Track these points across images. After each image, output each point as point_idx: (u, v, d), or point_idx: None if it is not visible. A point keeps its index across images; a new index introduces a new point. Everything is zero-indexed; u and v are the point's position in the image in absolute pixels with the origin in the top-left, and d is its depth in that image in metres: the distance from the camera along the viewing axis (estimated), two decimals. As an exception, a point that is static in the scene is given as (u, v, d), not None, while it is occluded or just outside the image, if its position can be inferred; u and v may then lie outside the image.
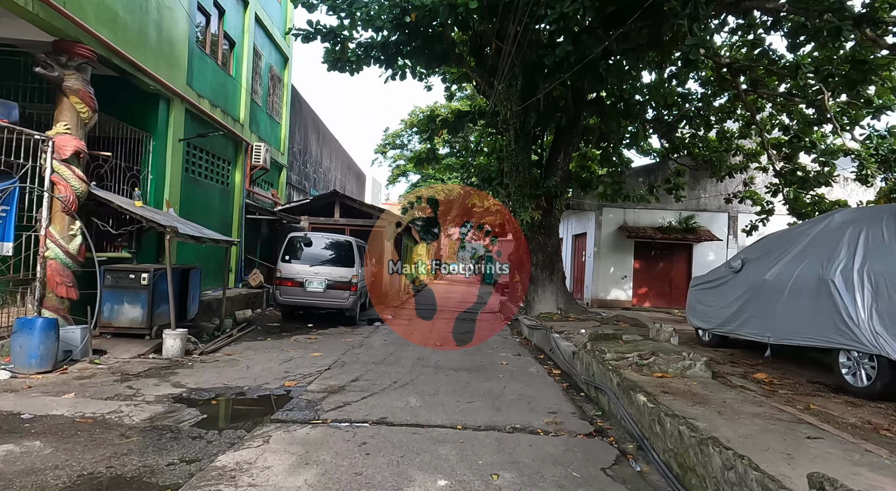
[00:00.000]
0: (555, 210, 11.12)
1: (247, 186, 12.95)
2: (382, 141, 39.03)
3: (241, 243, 12.87)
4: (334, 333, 10.39)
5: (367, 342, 9.36)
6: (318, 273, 11.00)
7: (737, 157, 16.24)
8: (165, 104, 9.17)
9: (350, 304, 11.10)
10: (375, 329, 11.22)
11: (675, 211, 17.65)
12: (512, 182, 10.93)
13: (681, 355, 5.83)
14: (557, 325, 9.68)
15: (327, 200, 15.83)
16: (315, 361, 7.35)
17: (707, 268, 18.27)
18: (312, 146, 21.35)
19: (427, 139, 12.39)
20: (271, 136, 15.17)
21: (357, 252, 11.58)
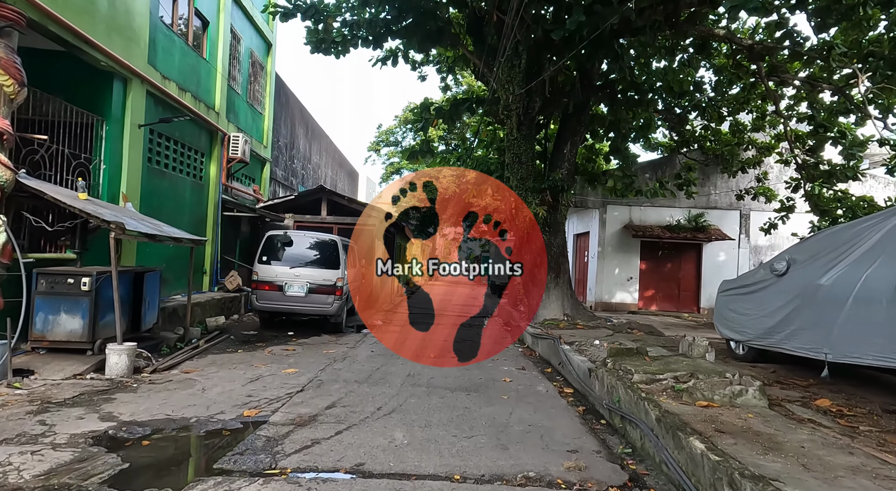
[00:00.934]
0: (561, 206, 10.09)
1: (223, 181, 11.85)
2: (376, 138, 38.00)
3: (217, 243, 11.77)
4: (316, 342, 9.31)
5: (351, 354, 8.29)
6: (299, 276, 9.92)
7: (749, 152, 15.30)
8: (121, 84, 8.07)
9: (335, 310, 10.03)
10: (363, 338, 10.15)
11: (683, 209, 16.68)
12: (513, 175, 9.90)
13: (725, 377, 4.80)
14: (565, 334, 8.65)
15: (313, 197, 14.75)
16: (287, 380, 6.27)
17: (718, 269, 17.35)
18: (300, 141, 20.25)
19: (421, 130, 11.34)
20: (252, 127, 14.07)
21: (343, 253, 10.50)
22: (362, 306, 14.87)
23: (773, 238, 16.44)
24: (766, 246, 16.61)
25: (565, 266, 10.42)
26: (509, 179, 10.14)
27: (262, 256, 10.02)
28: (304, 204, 14.96)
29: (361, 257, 16.17)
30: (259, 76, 14.38)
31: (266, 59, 14.82)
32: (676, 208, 16.77)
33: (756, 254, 16.62)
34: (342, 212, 15.06)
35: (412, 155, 11.65)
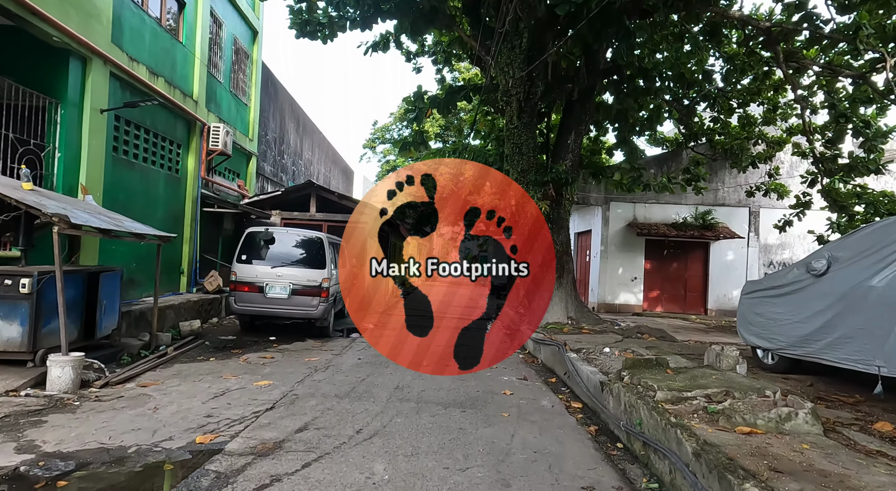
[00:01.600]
0: (564, 200, 9.34)
1: (203, 174, 11.07)
2: (371, 135, 37.21)
3: (196, 241, 10.98)
4: (299, 348, 8.54)
5: (335, 363, 7.52)
6: (281, 276, 9.15)
7: (759, 146, 14.59)
8: (79, 64, 7.28)
9: (320, 313, 9.26)
10: (351, 343, 9.39)
11: (690, 206, 15.96)
12: (513, 167, 9.16)
13: (766, 396, 4.06)
14: (570, 339, 7.90)
15: (302, 193, 13.98)
16: (257, 395, 5.51)
17: (726, 268, 16.63)
18: (290, 135, 19.47)
19: (414, 120, 10.58)
20: (237, 118, 13.29)
21: (330, 251, 9.73)
22: (353, 308, 14.10)
23: (784, 236, 15.72)
24: (777, 244, 15.90)
25: (569, 266, 9.68)
26: (509, 172, 9.39)
27: (241, 254, 9.24)
28: (291, 200, 14.20)
29: (353, 256, 15.41)
30: (244, 65, 13.61)
31: (252, 48, 14.04)
32: (683, 205, 16.05)
33: (766, 253, 15.92)
34: (332, 209, 14.30)
35: (404, 146, 10.89)
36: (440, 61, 13.65)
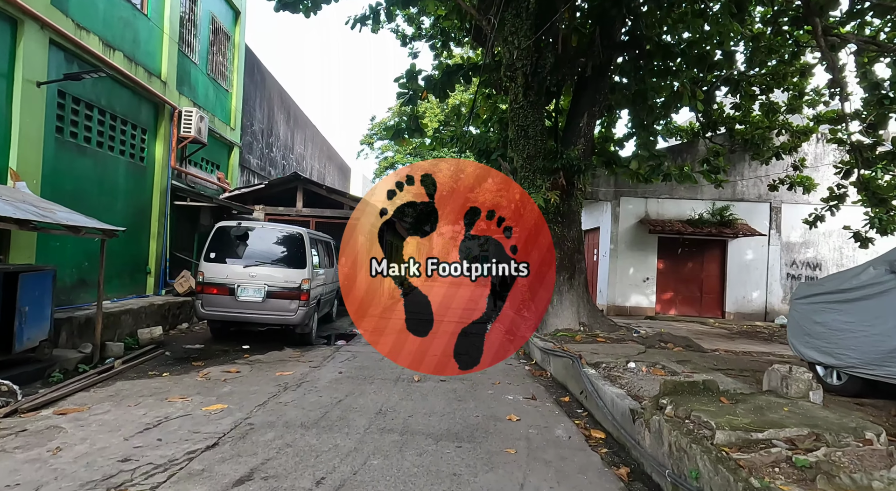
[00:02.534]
0: (576, 191, 8.24)
1: (174, 164, 9.98)
2: (369, 131, 36.16)
3: (165, 237, 9.90)
4: (272, 359, 7.45)
5: (312, 378, 6.44)
6: (254, 277, 8.07)
7: (782, 137, 13.48)
8: (7, 27, 6.20)
9: (299, 318, 8.17)
10: (334, 352, 8.30)
11: (706, 201, 14.87)
12: (518, 153, 8.07)
13: (867, 441, 2.96)
14: (585, 350, 6.81)
15: (287, 186, 12.90)
16: (203, 425, 4.42)
17: (745, 268, 15.49)
18: (280, 128, 18.39)
19: (407, 103, 9.48)
20: (216, 105, 12.20)
21: (311, 249, 8.65)
22: (352, 309, 13.01)
23: (809, 234, 14.65)
24: (800, 243, 14.79)
25: (581, 265, 8.58)
26: (512, 159, 8.30)
27: (209, 252, 8.15)
28: (276, 194, 13.12)
29: (342, 256, 14.32)
30: (224, 47, 12.52)
31: (233, 29, 12.96)
32: (698, 201, 14.96)
33: (788, 251, 14.80)
34: (321, 203, 13.22)
35: (397, 134, 9.80)
36: (437, 47, 12.56)
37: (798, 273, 14.71)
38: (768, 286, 14.71)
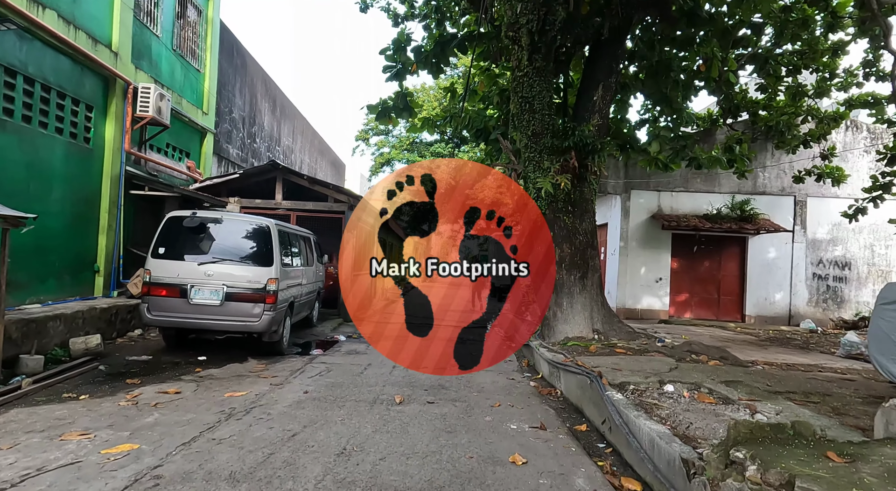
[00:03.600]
0: (589, 175, 7.03)
1: (127, 147, 8.75)
2: (364, 126, 34.93)
3: (118, 231, 8.68)
4: (228, 375, 6.23)
5: (267, 400, 5.21)
6: (211, 276, 6.85)
7: (807, 124, 12.28)
8: None
9: (264, 324, 6.94)
10: (307, 363, 7.08)
11: (724, 194, 13.68)
12: (522, 130, 6.86)
13: None
14: (604, 364, 5.58)
15: (265, 176, 11.67)
16: (89, 479, 3.20)
17: (767, 267, 14.21)
18: (264, 117, 17.17)
19: (395, 78, 8.27)
20: (184, 85, 10.98)
21: (280, 244, 7.43)
22: (327, 315, 11.79)
23: (836, 230, 13.47)
24: (827, 240, 13.58)
25: (595, 262, 7.36)
26: (517, 138, 7.08)
27: (158, 246, 6.93)
28: (253, 186, 11.90)
29: (331, 253, 13.09)
30: (195, 22, 11.30)
31: (206, 3, 11.73)
32: (716, 194, 13.76)
33: (814, 249, 13.58)
34: (304, 195, 12.00)
35: (383, 112, 8.58)
36: (431, 27, 11.33)
37: (825, 273, 13.50)
38: (792, 287, 13.50)
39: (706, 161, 8.87)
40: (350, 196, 11.84)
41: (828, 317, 13.27)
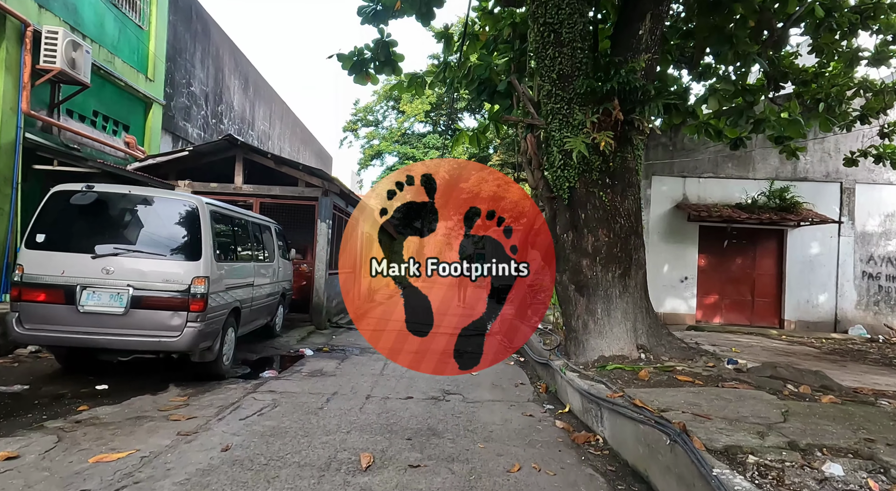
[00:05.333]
0: (635, 135, 5.15)
1: (26, 108, 6.78)
2: (353, 116, 32.93)
3: (12, 218, 6.69)
4: (120, 417, 4.29)
5: (159, 468, 3.29)
6: (111, 273, 4.91)
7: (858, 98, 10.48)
8: None
9: (188, 341, 5.00)
10: (249, 392, 5.15)
11: (759, 181, 11.88)
12: (545, 71, 5.00)
13: None
14: (675, 404, 3.70)
15: (223, 155, 9.70)
16: None
17: (809, 265, 12.27)
18: (234, 95, 15.18)
19: (372, 20, 6.36)
20: (120, 41, 9.01)
21: (216, 230, 5.50)
22: (296, 321, 9.85)
23: (890, 222, 11.72)
24: (879, 233, 11.80)
25: (640, 255, 5.50)
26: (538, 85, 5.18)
27: (35, 232, 4.97)
28: (208, 166, 9.93)
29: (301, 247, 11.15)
30: (134, -33, 9.31)
31: (150, -54, 9.75)
32: (749, 180, 11.96)
33: (864, 244, 11.80)
34: (269, 179, 10.05)
35: (359, 66, 6.64)
36: None
37: (877, 271, 11.73)
38: (838, 288, 11.71)
39: (781, 125, 6.96)
40: (325, 180, 9.90)
41: (880, 322, 11.50)
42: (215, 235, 5.57)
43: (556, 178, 5.27)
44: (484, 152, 28.21)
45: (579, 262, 5.35)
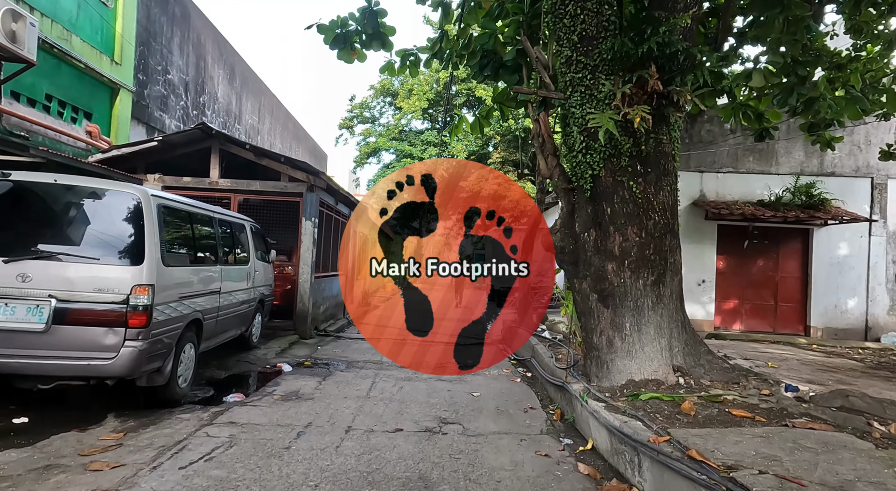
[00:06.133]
0: (672, 112, 4.23)
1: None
2: (348, 113, 31.93)
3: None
4: (22, 468, 3.36)
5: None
6: (28, 281, 3.98)
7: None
8: None
9: (125, 364, 4.07)
10: (203, 426, 4.23)
11: (782, 176, 10.97)
12: (564, 33, 4.08)
13: None
14: (743, 456, 2.76)
15: (196, 146, 8.76)
16: None
17: (837, 267, 11.11)
18: (218, 86, 14.23)
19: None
20: (79, 18, 8.08)
21: (161, 228, 4.56)
22: (282, 330, 8.92)
23: (928, 220, 10.76)
24: (914, 232, 10.89)
25: (676, 258, 4.58)
26: (548, 56, 4.26)
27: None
28: (181, 159, 8.99)
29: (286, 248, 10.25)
30: (97, -63, 8.37)
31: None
32: (772, 176, 11.05)
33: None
34: (249, 173, 9.12)
35: (342, 37, 5.69)
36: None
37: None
38: (869, 292, 10.81)
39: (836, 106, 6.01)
40: (310, 173, 8.97)
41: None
42: (166, 234, 4.64)
43: (575, 164, 4.34)
44: (484, 149, 27.29)
45: (603, 266, 4.42)
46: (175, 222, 4.97)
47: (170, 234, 4.77)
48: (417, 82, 27.22)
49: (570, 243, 4.61)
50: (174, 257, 4.75)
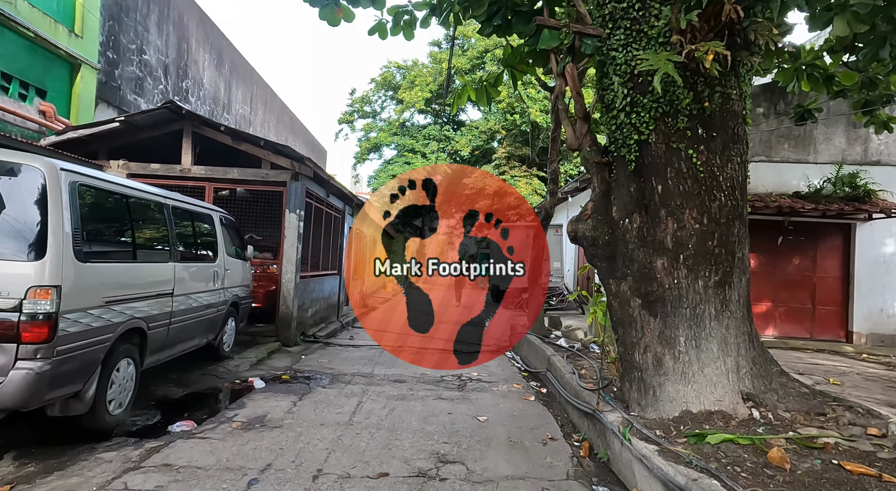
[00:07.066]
0: (744, 56, 3.17)
1: None
2: (349, 107, 30.91)
3: None
4: None
5: None
6: None
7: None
8: None
9: (17, 390, 3.05)
10: (123, 473, 3.20)
11: (821, 165, 9.88)
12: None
13: None
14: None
15: (165, 128, 7.74)
16: None
17: (883, 265, 9.72)
18: (203, 71, 13.23)
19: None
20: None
21: (76, 213, 3.53)
22: (263, 335, 7.89)
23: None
24: (969, 227, 9.77)
25: (745, 252, 3.53)
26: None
27: None
28: (149, 143, 7.99)
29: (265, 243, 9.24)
30: None
31: None
32: (810, 165, 9.97)
33: (950, 241, 9.78)
34: (226, 159, 8.10)
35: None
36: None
37: (967, 273, 9.70)
38: (919, 293, 9.71)
39: None
40: (295, 160, 7.93)
41: (971, 335, 9.49)
42: (90, 222, 3.63)
43: (615, 128, 3.31)
44: (488, 144, 26.22)
45: (651, 262, 3.37)
46: (104, 207, 3.95)
47: (94, 223, 3.76)
48: (419, 74, 26.17)
49: (604, 233, 3.57)
50: (98, 251, 3.74)
